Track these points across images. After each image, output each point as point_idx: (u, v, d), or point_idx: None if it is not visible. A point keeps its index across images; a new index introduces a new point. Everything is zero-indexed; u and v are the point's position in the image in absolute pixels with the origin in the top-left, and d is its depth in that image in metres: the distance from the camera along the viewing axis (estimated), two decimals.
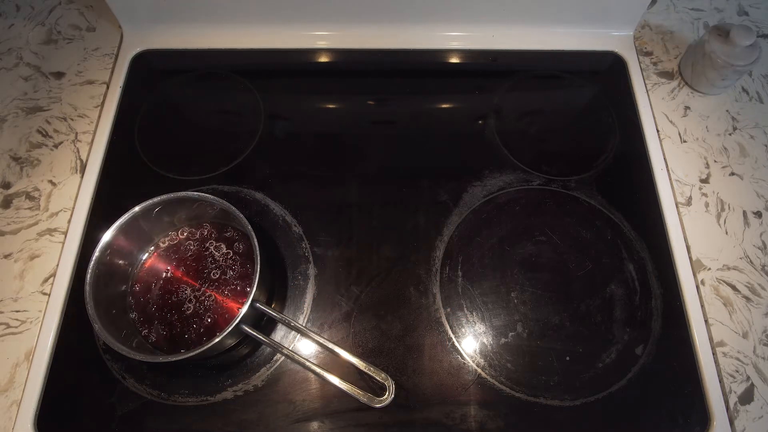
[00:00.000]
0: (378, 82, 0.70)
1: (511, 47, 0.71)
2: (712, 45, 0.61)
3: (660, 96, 0.67)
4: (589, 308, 0.55)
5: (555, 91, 0.71)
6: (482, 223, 0.59)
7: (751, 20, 0.73)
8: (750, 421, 0.50)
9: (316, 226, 0.59)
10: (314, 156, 0.64)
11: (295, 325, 0.52)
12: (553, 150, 0.65)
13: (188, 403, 0.50)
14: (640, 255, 0.57)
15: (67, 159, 0.62)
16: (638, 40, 0.72)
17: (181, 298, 0.53)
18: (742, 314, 0.54)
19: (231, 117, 0.68)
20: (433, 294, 0.55)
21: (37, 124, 0.64)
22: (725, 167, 0.62)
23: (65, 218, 0.58)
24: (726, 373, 0.52)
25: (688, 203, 0.60)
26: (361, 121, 0.68)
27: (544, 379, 0.51)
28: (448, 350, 0.53)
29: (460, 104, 0.70)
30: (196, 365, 0.52)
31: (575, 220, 0.59)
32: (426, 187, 0.61)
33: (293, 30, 0.70)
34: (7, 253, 0.57)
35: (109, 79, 0.68)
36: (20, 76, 0.68)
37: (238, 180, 0.61)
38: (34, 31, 0.71)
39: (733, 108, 0.66)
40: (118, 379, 0.51)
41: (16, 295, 0.55)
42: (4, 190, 0.60)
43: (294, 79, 0.71)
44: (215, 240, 0.56)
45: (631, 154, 0.63)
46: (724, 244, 0.58)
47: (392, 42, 0.70)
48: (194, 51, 0.71)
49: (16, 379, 0.51)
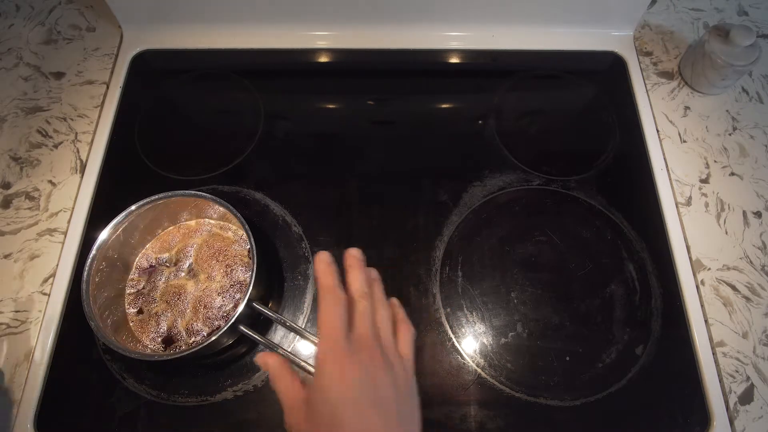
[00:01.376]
0: (378, 82, 0.70)
1: (511, 47, 0.71)
2: (712, 45, 0.61)
3: (660, 96, 0.67)
4: (589, 308, 0.55)
5: (555, 91, 0.71)
6: (482, 223, 0.59)
7: (751, 20, 0.73)
8: (750, 421, 0.50)
9: (316, 226, 0.59)
10: (314, 156, 0.64)
11: (291, 326, 0.52)
12: (553, 150, 0.65)
13: (188, 403, 0.50)
14: (640, 255, 0.57)
15: (67, 159, 0.62)
16: (638, 40, 0.72)
17: (180, 297, 0.53)
18: (742, 314, 0.54)
19: (231, 117, 0.68)
20: (433, 294, 0.55)
21: (37, 124, 0.64)
22: (725, 167, 0.62)
23: (65, 218, 0.58)
24: (726, 373, 0.52)
25: (688, 203, 0.60)
26: (361, 121, 0.68)
27: (544, 379, 0.51)
28: (447, 350, 0.53)
29: (460, 104, 0.70)
30: (196, 365, 0.52)
31: (575, 220, 0.59)
32: (426, 187, 0.61)
33: (293, 30, 0.70)
34: (7, 253, 0.57)
35: (109, 79, 0.68)
36: (20, 76, 0.68)
37: (237, 180, 0.61)
38: (34, 31, 0.71)
39: (733, 108, 0.66)
40: (118, 379, 0.51)
41: (16, 295, 0.55)
42: (4, 190, 0.60)
43: (294, 79, 0.71)
44: (214, 239, 0.56)
45: (631, 154, 0.63)
46: (724, 244, 0.58)
47: (392, 42, 0.70)
48: (194, 51, 0.71)
49: (16, 379, 0.51)
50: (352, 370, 0.35)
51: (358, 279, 0.40)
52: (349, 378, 0.35)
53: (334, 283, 0.38)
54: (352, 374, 0.35)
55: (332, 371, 0.35)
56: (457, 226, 0.58)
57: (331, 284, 0.38)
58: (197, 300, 0.53)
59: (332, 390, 0.35)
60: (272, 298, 0.55)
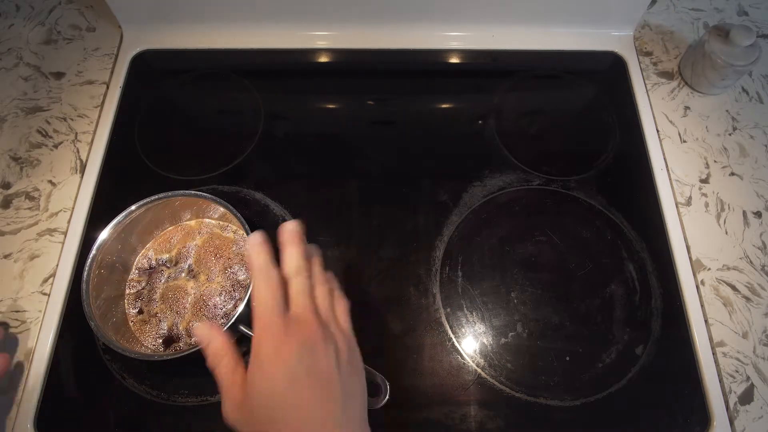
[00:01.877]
0: (378, 82, 0.70)
1: (511, 47, 0.71)
2: (712, 45, 0.61)
3: (660, 96, 0.67)
4: (589, 308, 0.55)
5: (555, 91, 0.71)
6: (482, 223, 0.59)
7: (751, 20, 0.73)
8: (750, 421, 0.50)
9: (316, 226, 0.59)
10: (314, 156, 0.64)
11: None
12: (553, 150, 0.65)
13: (188, 403, 0.50)
14: (640, 255, 0.57)
15: (67, 159, 0.62)
16: (638, 40, 0.72)
17: (180, 297, 0.53)
18: (742, 314, 0.54)
19: (231, 117, 0.68)
20: (433, 294, 0.55)
21: (37, 124, 0.64)
22: (725, 167, 0.62)
23: (65, 218, 0.58)
24: (726, 373, 0.52)
25: (688, 203, 0.60)
26: (361, 121, 0.68)
27: (544, 379, 0.51)
28: (447, 350, 0.53)
29: (460, 104, 0.70)
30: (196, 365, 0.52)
31: (575, 220, 0.59)
32: (426, 187, 0.61)
33: (293, 30, 0.70)
34: (7, 253, 0.57)
35: (109, 79, 0.68)
36: (20, 76, 0.68)
37: (237, 180, 0.61)
38: (34, 31, 0.71)
39: (733, 108, 0.66)
40: (118, 379, 0.51)
41: (16, 295, 0.55)
42: (4, 190, 0.60)
43: (294, 79, 0.71)
44: (214, 239, 0.56)
45: (631, 154, 0.63)
46: (724, 244, 0.58)
47: (392, 42, 0.70)
48: (194, 51, 0.71)
49: (16, 379, 0.51)
50: (289, 346, 0.34)
51: (294, 255, 0.39)
52: (285, 354, 0.34)
53: (266, 261, 0.38)
54: (289, 351, 0.34)
55: (268, 349, 0.34)
56: (457, 226, 0.58)
57: (262, 264, 0.37)
58: (197, 300, 0.53)
59: (269, 367, 0.34)
60: None
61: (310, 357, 0.35)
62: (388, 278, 0.56)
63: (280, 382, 0.34)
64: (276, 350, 0.34)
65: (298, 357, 0.34)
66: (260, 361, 0.34)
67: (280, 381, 0.34)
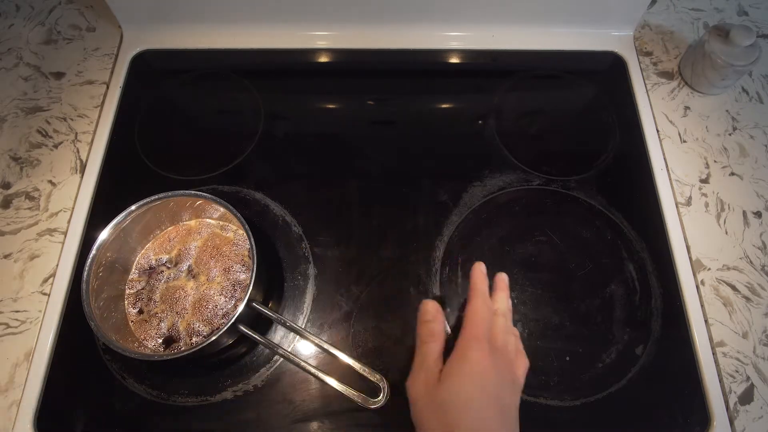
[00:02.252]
0: (378, 82, 0.70)
1: (511, 47, 0.71)
2: (712, 45, 0.61)
3: (660, 96, 0.67)
4: (589, 308, 0.55)
5: (555, 91, 0.71)
6: (482, 223, 0.59)
7: (751, 20, 0.73)
8: (750, 421, 0.50)
9: (316, 226, 0.59)
10: (314, 156, 0.64)
11: (290, 326, 0.52)
12: (553, 150, 0.65)
13: (188, 403, 0.50)
14: (640, 255, 0.57)
15: (66, 159, 0.62)
16: (638, 40, 0.72)
17: (180, 297, 0.53)
18: (742, 314, 0.54)
19: (231, 117, 0.68)
20: (433, 294, 0.55)
21: (37, 124, 0.64)
22: (725, 167, 0.62)
23: (65, 218, 0.58)
24: (726, 373, 0.52)
25: (688, 203, 0.60)
26: (361, 121, 0.68)
27: (544, 379, 0.51)
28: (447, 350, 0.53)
29: (460, 104, 0.70)
30: (196, 365, 0.52)
31: (575, 220, 0.59)
32: (426, 187, 0.61)
33: (293, 30, 0.70)
34: (7, 253, 0.57)
35: (109, 79, 0.68)
36: (20, 76, 0.68)
37: (237, 180, 0.61)
38: (34, 31, 0.71)
39: (733, 108, 0.66)
40: (118, 379, 0.51)
41: (15, 295, 0.55)
42: (4, 190, 0.60)
43: (294, 79, 0.71)
44: (214, 239, 0.56)
45: (631, 154, 0.63)
46: (724, 244, 0.58)
47: (392, 42, 0.70)
48: (194, 51, 0.71)
49: (16, 379, 0.51)
50: (491, 370, 0.39)
51: (504, 299, 0.46)
52: (489, 373, 0.39)
53: (486, 290, 0.45)
54: (491, 373, 0.39)
55: (473, 356, 0.39)
56: (457, 226, 0.58)
57: (485, 291, 0.44)
58: (197, 300, 0.53)
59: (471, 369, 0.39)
60: (272, 298, 0.55)
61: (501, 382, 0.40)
62: (388, 278, 0.56)
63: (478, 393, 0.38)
64: (479, 360, 0.39)
65: (495, 374, 0.39)
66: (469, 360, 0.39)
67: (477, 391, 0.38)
